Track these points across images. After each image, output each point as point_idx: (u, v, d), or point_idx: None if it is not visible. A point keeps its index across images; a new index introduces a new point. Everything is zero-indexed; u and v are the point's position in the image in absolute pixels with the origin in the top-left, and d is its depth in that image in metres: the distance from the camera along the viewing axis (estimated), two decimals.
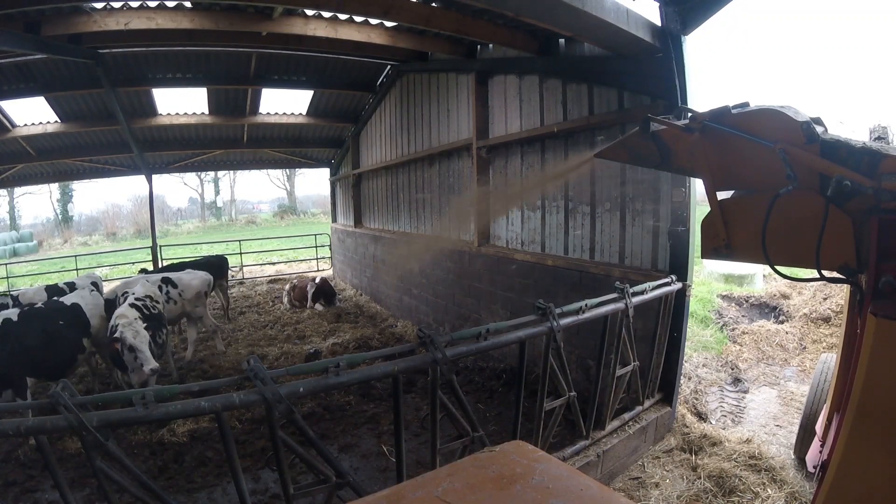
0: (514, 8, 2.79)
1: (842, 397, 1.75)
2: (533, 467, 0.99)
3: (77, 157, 10.18)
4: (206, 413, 1.62)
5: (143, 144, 9.44)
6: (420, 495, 0.92)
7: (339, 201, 11.33)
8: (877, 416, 1.46)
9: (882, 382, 1.44)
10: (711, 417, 3.94)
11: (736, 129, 1.78)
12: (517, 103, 4.87)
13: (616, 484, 3.04)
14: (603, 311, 2.68)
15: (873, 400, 1.46)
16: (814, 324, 5.18)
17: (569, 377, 2.56)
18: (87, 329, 4.28)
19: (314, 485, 1.88)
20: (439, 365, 1.90)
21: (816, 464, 2.38)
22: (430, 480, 0.99)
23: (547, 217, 4.57)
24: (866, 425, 1.48)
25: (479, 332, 2.07)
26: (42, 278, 12.63)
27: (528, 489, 0.92)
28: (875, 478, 1.47)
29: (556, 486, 0.93)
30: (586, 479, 0.98)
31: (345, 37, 4.86)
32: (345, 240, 10.47)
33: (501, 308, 4.96)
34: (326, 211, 31.23)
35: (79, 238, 22.85)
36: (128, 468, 1.65)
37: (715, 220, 1.93)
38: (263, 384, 1.62)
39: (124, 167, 10.93)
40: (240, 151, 10.73)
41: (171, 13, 4.75)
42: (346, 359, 1.79)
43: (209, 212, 28.34)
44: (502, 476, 0.97)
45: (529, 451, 1.07)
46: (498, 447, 1.09)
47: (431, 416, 2.03)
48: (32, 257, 18.10)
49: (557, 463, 1.05)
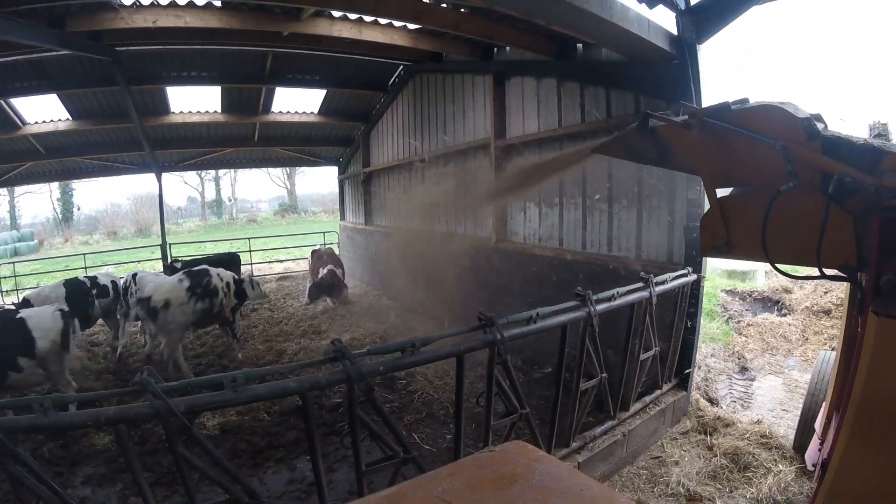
0: (545, 17, 2.98)
1: (841, 396, 1.81)
2: (533, 467, 0.98)
3: (86, 156, 10.18)
4: (292, 393, 1.76)
5: (153, 142, 9.45)
6: (420, 495, 0.91)
7: (347, 199, 11.47)
8: (877, 414, 1.45)
9: (883, 381, 1.43)
10: (722, 403, 4.18)
11: (735, 125, 1.76)
12: (535, 104, 5.07)
13: (639, 462, 3.26)
14: (631, 298, 2.89)
15: (874, 399, 1.44)
16: (815, 316, 5.45)
17: (601, 359, 2.77)
18: (28, 348, 3.74)
19: (384, 461, 2.02)
20: (497, 345, 2.07)
21: (816, 462, 2.36)
22: (430, 480, 0.98)
23: (565, 214, 4.78)
24: (867, 424, 1.47)
25: (529, 317, 2.26)
26: (47, 277, 12.61)
27: (528, 489, 0.92)
28: (875, 476, 1.46)
29: (556, 486, 0.92)
30: (586, 479, 0.98)
31: (368, 38, 5.02)
32: (354, 237, 10.62)
33: (519, 301, 5.16)
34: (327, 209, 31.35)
35: (80, 237, 22.78)
36: (210, 452, 1.74)
37: (714, 218, 1.92)
38: (351, 363, 1.76)
39: (133, 165, 10.96)
40: (249, 150, 10.81)
41: (200, 11, 4.83)
42: (419, 340, 1.95)
43: (210, 210, 28.28)
44: (502, 476, 0.96)
45: (529, 451, 1.07)
46: (498, 447, 1.09)
47: (487, 393, 2.20)
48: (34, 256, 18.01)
49: (557, 463, 1.06)
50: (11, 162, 9.87)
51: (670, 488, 2.95)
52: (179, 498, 2.82)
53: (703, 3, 3.57)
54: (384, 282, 8.91)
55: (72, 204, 24.50)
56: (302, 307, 8.54)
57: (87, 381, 4.94)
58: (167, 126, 9.32)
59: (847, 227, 1.55)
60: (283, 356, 6.02)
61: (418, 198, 7.68)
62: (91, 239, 22.60)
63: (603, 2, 2.91)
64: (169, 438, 1.66)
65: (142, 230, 24.50)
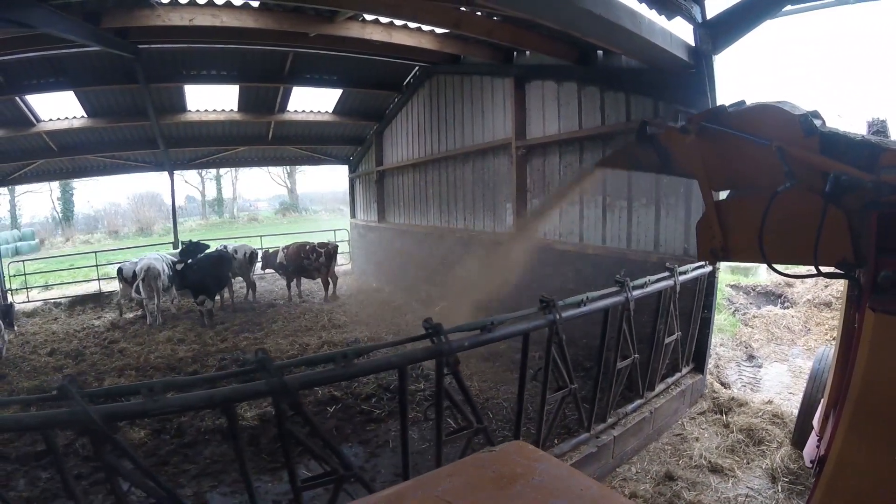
0: (583, 30, 3.24)
1: (839, 392, 1.82)
2: (533, 467, 0.98)
3: (98, 153, 10.15)
4: (394, 367, 1.94)
5: (167, 140, 9.49)
6: (420, 495, 0.92)
7: (358, 197, 11.66)
8: (875, 410, 1.45)
9: (881, 378, 1.43)
10: (733, 387, 4.48)
11: (733, 127, 1.76)
12: (555, 107, 5.34)
13: (663, 439, 3.54)
14: (658, 286, 3.18)
15: (872, 395, 1.44)
16: (816, 308, 5.81)
17: (635, 341, 3.05)
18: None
19: (459, 430, 2.24)
20: (556, 325, 2.31)
21: (814, 458, 2.36)
22: (430, 480, 0.99)
23: (585, 211, 5.05)
24: (865, 420, 1.47)
25: (581, 300, 2.51)
26: (52, 276, 12.61)
27: (528, 489, 0.91)
28: (874, 472, 1.46)
29: (556, 486, 0.93)
30: (586, 479, 0.98)
31: (398, 41, 5.21)
32: (366, 234, 10.82)
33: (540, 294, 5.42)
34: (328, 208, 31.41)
35: (81, 236, 22.69)
36: (315, 427, 1.88)
37: (711, 222, 1.92)
38: (443, 341, 1.97)
39: (146, 163, 10.98)
40: (262, 148, 10.91)
41: (237, 11, 4.88)
42: (496, 319, 2.16)
43: (211, 209, 28.24)
44: (502, 476, 0.96)
45: (530, 451, 1.07)
46: (498, 447, 1.10)
47: (545, 369, 2.43)
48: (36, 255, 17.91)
49: (557, 463, 1.06)
50: (22, 160, 9.82)
51: (693, 461, 3.23)
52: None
53: (719, 17, 3.85)
54: (398, 277, 9.12)
55: (72, 203, 24.38)
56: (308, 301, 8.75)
57: None
58: (182, 124, 9.33)
59: (844, 224, 1.55)
60: (307, 349, 6.20)
61: (433, 195, 7.92)
62: (92, 238, 22.51)
63: (633, 17, 3.19)
64: (278, 417, 1.78)
65: (143, 229, 24.43)
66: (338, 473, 1.92)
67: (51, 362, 5.83)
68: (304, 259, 8.83)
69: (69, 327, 7.68)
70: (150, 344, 6.37)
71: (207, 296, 7.42)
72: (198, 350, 6.14)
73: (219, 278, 7.91)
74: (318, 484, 1.97)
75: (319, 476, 1.98)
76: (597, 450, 2.89)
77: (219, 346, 6.33)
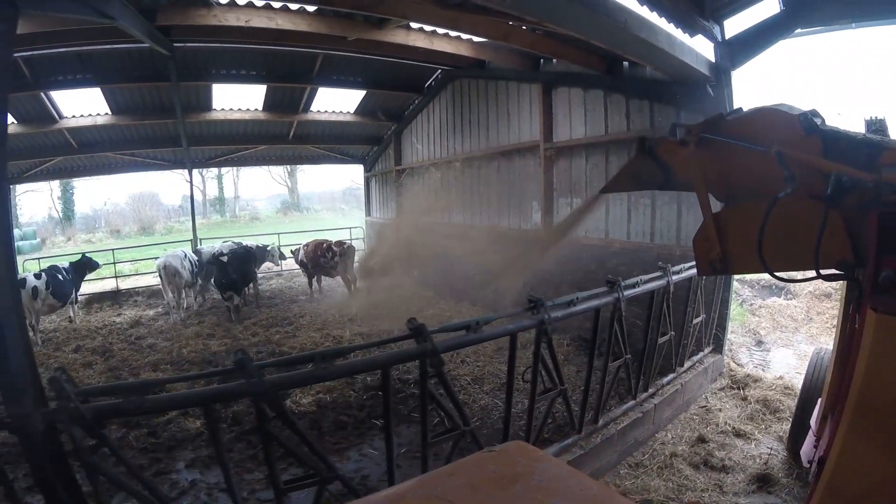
0: (624, 49, 3.66)
1: (838, 393, 1.84)
2: (534, 467, 0.98)
3: (119, 151, 10.16)
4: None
5: (190, 139, 9.48)
6: (420, 495, 0.92)
7: (374, 196, 11.97)
8: (876, 411, 1.43)
9: (881, 378, 1.42)
10: (746, 367, 4.97)
11: (732, 135, 1.75)
12: (581, 112, 5.77)
13: (691, 410, 3.99)
14: (687, 274, 3.62)
15: (872, 396, 1.43)
16: (817, 299, 6.38)
17: (671, 321, 3.48)
18: None
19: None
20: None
21: (811, 459, 2.35)
22: (430, 480, 0.99)
23: (610, 209, 5.49)
24: (865, 421, 1.45)
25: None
26: None
27: (528, 489, 0.91)
28: (874, 473, 1.45)
29: (557, 486, 0.93)
30: (586, 478, 0.99)
31: (438, 48, 5.50)
32: (383, 232, 11.14)
33: (568, 288, 5.83)
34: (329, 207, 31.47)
35: (82, 236, 22.56)
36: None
37: (709, 234, 1.90)
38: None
39: (165, 161, 11.09)
40: (282, 147, 11.11)
41: (291, 15, 5.01)
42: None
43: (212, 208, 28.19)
44: (503, 476, 0.96)
45: (530, 451, 1.07)
46: (499, 447, 1.10)
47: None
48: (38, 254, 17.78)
49: (558, 463, 1.07)
50: (41, 157, 9.78)
51: (720, 427, 3.69)
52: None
53: (738, 37, 4.32)
54: (419, 274, 9.43)
55: (72, 203, 24.20)
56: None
57: None
58: (206, 122, 9.43)
59: (841, 224, 1.55)
60: (342, 342, 6.31)
61: (457, 194, 8.25)
62: (94, 237, 22.40)
63: (669, 38, 3.63)
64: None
65: (144, 228, 24.37)
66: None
67: (78, 359, 5.74)
68: (321, 257, 8.98)
69: (90, 324, 7.67)
70: (178, 339, 6.43)
71: (235, 292, 7.67)
72: (230, 344, 6.17)
73: (245, 274, 8.16)
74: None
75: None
76: (641, 415, 3.33)
77: (251, 341, 6.44)
